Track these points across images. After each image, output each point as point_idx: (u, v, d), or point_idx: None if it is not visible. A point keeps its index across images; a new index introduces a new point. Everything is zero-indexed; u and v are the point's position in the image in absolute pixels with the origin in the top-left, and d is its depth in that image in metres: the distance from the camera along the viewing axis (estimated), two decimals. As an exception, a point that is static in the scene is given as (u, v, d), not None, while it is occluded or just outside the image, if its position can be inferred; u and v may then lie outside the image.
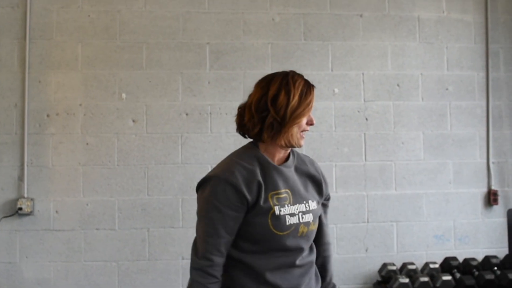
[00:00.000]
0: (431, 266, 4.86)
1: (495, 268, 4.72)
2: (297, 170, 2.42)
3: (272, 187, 2.30)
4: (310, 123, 2.35)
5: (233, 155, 2.37)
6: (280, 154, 2.38)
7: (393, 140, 4.94)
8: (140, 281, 4.71)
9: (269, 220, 2.26)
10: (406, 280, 4.52)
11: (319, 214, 2.46)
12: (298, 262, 2.36)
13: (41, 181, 4.66)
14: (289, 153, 2.43)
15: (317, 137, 4.84)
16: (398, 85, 4.98)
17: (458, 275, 4.81)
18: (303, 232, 2.34)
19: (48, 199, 4.66)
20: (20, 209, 4.63)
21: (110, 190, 4.71)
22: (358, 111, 4.91)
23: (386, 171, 4.90)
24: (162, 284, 4.71)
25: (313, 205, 2.39)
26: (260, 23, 4.89)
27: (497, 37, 5.16)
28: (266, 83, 2.34)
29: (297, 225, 2.32)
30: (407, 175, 4.92)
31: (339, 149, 4.86)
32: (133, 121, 4.73)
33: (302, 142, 2.35)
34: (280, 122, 2.28)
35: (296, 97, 2.29)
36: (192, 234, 4.45)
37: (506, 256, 4.73)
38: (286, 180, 2.35)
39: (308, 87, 2.35)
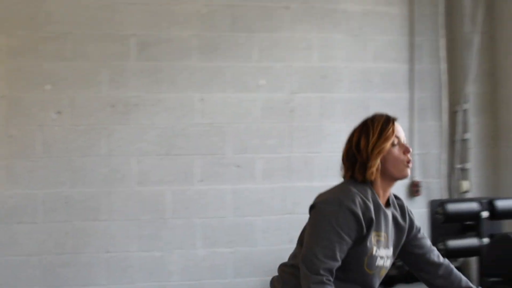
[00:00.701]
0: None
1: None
2: (393, 216, 2.94)
3: (376, 228, 2.84)
4: (405, 151, 2.87)
5: (348, 184, 2.87)
6: (384, 194, 2.91)
7: (318, 132, 5.85)
8: (63, 274, 5.44)
9: (366, 258, 2.83)
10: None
11: (392, 261, 3.01)
12: None
13: (-38, 174, 5.47)
14: (391, 198, 2.96)
15: (243, 129, 5.71)
16: (323, 77, 5.98)
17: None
18: (381, 275, 2.94)
19: (-30, 192, 5.44)
20: None
21: (33, 183, 5.42)
22: (284, 103, 5.82)
23: (311, 163, 5.82)
24: (86, 277, 5.46)
25: (390, 252, 2.94)
26: (186, 14, 5.75)
27: (422, 29, 6.10)
28: (351, 134, 2.97)
29: (381, 267, 2.90)
30: (332, 167, 5.92)
31: (264, 141, 5.75)
32: (58, 113, 5.46)
33: (407, 172, 2.89)
34: (366, 161, 2.84)
35: (376, 135, 2.85)
36: (116, 227, 5.40)
37: (429, 246, 5.84)
38: (387, 224, 2.88)
39: (387, 121, 2.88)
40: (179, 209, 5.68)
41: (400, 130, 2.91)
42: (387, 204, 2.95)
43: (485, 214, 5.13)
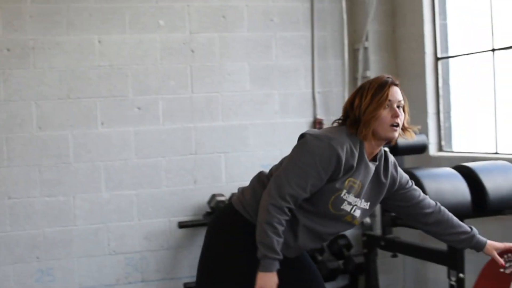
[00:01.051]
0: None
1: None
2: (375, 172, 3.32)
3: (354, 175, 3.23)
4: (393, 115, 3.19)
5: (343, 130, 3.26)
6: (372, 150, 3.28)
7: (219, 71, 6.31)
8: (-35, 223, 5.92)
9: (332, 197, 3.22)
10: (234, 208, 6.16)
11: (368, 215, 3.46)
12: (325, 237, 3.42)
13: None
14: (379, 154, 3.34)
15: (142, 70, 6.11)
16: (223, 16, 6.37)
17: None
18: (346, 220, 3.32)
19: None
20: None
21: None
22: (184, 43, 6.26)
23: (213, 103, 6.29)
24: None
25: (364, 204, 3.34)
26: (81, -46, 6.17)
27: (321, -33, 6.69)
28: (353, 91, 3.35)
29: (347, 213, 3.28)
30: (234, 107, 6.44)
31: (165, 82, 6.17)
32: (-49, 58, 5.84)
33: (394, 134, 3.22)
34: (357, 120, 3.21)
35: (369, 96, 3.20)
36: (17, 173, 5.83)
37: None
38: (366, 175, 3.27)
39: (382, 86, 3.23)
40: (81, 153, 6.05)
41: (395, 94, 3.24)
42: (374, 159, 3.33)
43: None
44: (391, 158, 3.45)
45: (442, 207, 3.57)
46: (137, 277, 6.18)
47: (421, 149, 5.72)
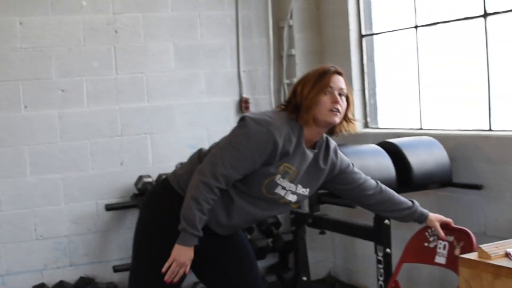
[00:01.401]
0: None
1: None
2: (314, 159, 3.45)
3: (289, 161, 3.35)
4: (333, 101, 3.33)
5: (284, 115, 3.38)
6: (312, 137, 3.42)
7: (144, 52, 6.30)
8: None
9: (266, 181, 3.34)
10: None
11: (302, 200, 3.59)
12: (258, 218, 3.57)
13: None
14: (319, 142, 3.49)
15: (66, 51, 6.07)
16: None
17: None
18: (280, 202, 3.47)
19: None
20: None
21: None
22: (107, 24, 6.21)
23: (138, 84, 6.29)
24: None
25: (302, 190, 3.48)
26: None
27: None
28: (294, 85, 3.50)
29: (280, 197, 3.41)
30: (159, 87, 6.41)
31: (88, 63, 6.14)
32: None
33: (334, 119, 3.35)
34: (299, 105, 3.35)
35: (311, 83, 3.34)
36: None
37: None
38: (302, 162, 3.39)
39: (324, 73, 3.38)
40: (5, 137, 6.00)
41: (337, 81, 3.38)
42: (314, 146, 3.48)
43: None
44: (333, 144, 3.59)
45: (384, 187, 3.75)
46: (65, 261, 6.18)
47: (347, 126, 5.81)
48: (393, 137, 5.34)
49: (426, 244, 3.91)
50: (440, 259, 3.84)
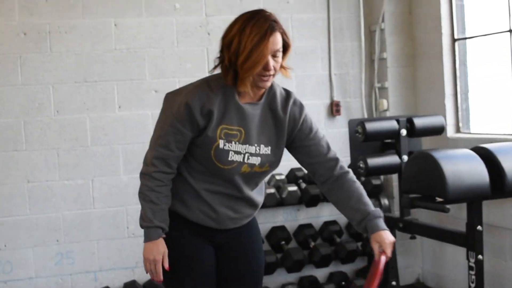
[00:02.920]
0: (277, 177, 6.61)
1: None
2: (264, 109, 3.15)
3: (225, 121, 3.07)
4: (265, 68, 2.99)
5: (207, 78, 3.15)
6: (253, 95, 3.12)
7: None
8: (-15, 208, 5.88)
9: (212, 151, 3.08)
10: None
11: (272, 161, 3.21)
12: (236, 195, 3.21)
13: None
14: (267, 92, 3.16)
15: (159, 53, 6.16)
16: None
17: (303, 185, 6.58)
18: (244, 171, 3.15)
19: None
20: None
21: None
22: (200, 26, 6.32)
23: None
24: (8, 208, 5.90)
25: (265, 150, 3.17)
26: None
27: (338, -51, 6.65)
28: (232, 23, 3.08)
29: (240, 163, 3.12)
30: None
31: (182, 65, 6.22)
32: (-32, 42, 5.80)
33: (265, 84, 3.05)
34: (231, 69, 3.02)
35: (247, 50, 2.95)
36: (36, 157, 5.92)
37: (349, 165, 6.43)
38: (243, 118, 3.10)
39: (261, 38, 2.95)
40: (100, 137, 6.13)
41: (274, 45, 3.00)
42: (260, 99, 3.16)
43: (403, 132, 5.60)
44: (294, 96, 3.29)
45: (349, 179, 3.34)
46: (155, 259, 6.23)
47: (439, 130, 5.73)
48: (485, 142, 5.23)
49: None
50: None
